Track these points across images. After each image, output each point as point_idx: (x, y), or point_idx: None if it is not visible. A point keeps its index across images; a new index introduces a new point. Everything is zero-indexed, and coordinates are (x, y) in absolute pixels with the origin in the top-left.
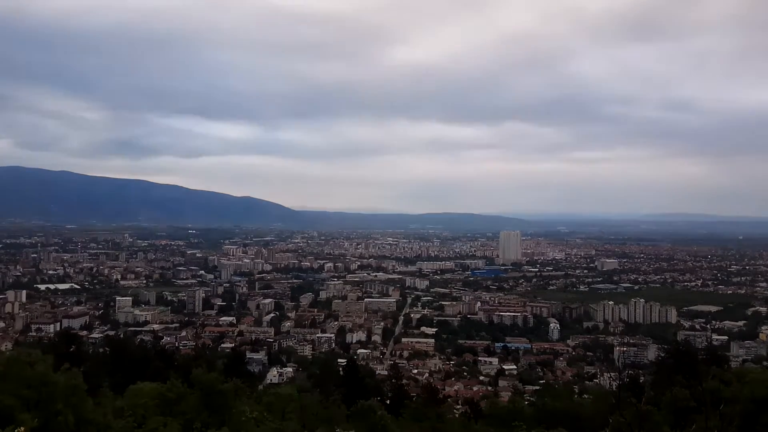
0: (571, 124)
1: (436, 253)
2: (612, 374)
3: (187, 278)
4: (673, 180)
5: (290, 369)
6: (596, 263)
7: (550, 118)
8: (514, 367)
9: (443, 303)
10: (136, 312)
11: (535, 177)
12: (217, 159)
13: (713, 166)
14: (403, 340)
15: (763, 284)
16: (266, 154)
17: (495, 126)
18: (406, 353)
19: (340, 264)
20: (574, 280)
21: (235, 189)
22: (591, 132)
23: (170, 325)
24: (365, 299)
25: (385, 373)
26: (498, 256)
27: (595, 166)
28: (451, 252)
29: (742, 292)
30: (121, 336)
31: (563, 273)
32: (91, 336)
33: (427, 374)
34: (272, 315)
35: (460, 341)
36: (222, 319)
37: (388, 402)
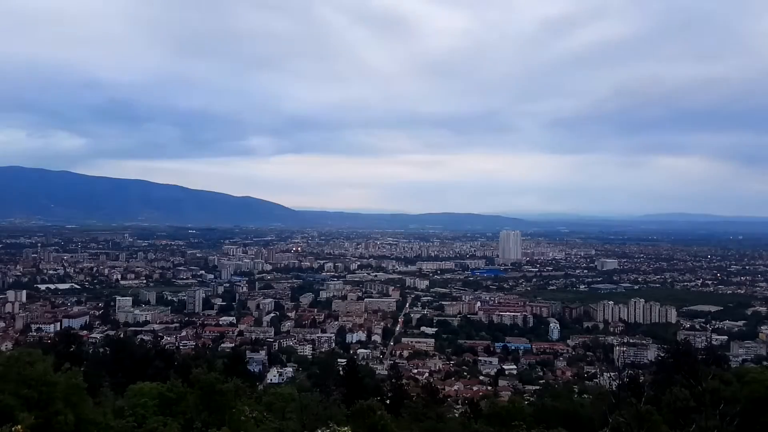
0: None
1: (436, 253)
2: (612, 374)
3: (187, 278)
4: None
5: (290, 369)
6: (596, 263)
7: None
8: (514, 367)
9: (443, 303)
10: (136, 312)
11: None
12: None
13: None
14: (403, 340)
15: (763, 284)
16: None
17: None
18: (406, 353)
19: (340, 264)
20: (574, 280)
21: (235, 189)
22: None
23: (170, 325)
24: (365, 299)
25: (385, 373)
26: (498, 256)
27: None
28: (451, 252)
29: (742, 292)
30: (121, 336)
31: (563, 273)
32: (91, 336)
33: (427, 374)
34: (272, 315)
35: (460, 341)
36: (222, 319)
37: (388, 402)
